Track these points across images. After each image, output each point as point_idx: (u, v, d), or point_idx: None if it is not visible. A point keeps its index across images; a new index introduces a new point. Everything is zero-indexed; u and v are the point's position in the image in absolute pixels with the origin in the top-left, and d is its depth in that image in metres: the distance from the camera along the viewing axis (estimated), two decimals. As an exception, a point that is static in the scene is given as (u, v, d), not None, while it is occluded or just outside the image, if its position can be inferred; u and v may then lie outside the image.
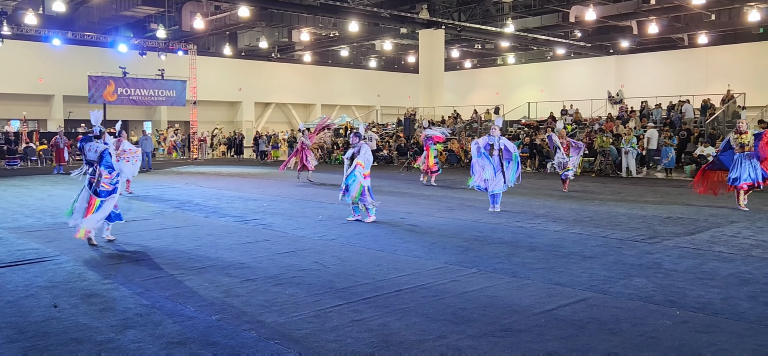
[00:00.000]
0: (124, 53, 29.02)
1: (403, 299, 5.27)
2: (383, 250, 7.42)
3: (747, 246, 7.50)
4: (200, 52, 33.22)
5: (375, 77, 43.91)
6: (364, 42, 37.68)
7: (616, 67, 35.41)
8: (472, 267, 6.46)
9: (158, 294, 5.44)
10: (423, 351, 4.07)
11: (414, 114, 30.52)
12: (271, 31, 34.91)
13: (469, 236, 8.35)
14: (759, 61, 29.72)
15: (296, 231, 8.85)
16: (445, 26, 30.83)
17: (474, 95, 40.16)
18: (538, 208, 11.27)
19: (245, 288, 5.67)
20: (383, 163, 26.31)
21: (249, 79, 38.27)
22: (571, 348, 4.11)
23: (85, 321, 4.72)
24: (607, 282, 5.83)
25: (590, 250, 7.34)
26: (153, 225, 9.41)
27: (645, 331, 4.43)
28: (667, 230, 8.77)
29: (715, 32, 30.61)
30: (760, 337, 4.30)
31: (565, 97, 30.31)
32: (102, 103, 28.16)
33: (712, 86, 27.35)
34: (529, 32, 32.00)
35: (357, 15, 28.26)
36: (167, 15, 29.23)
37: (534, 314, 4.85)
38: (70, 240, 8.07)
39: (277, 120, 40.95)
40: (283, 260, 6.89)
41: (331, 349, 4.11)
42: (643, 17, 28.43)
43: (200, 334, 4.41)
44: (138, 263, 6.74)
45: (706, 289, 5.53)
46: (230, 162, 28.55)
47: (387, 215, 10.40)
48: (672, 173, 18.87)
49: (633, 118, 24.00)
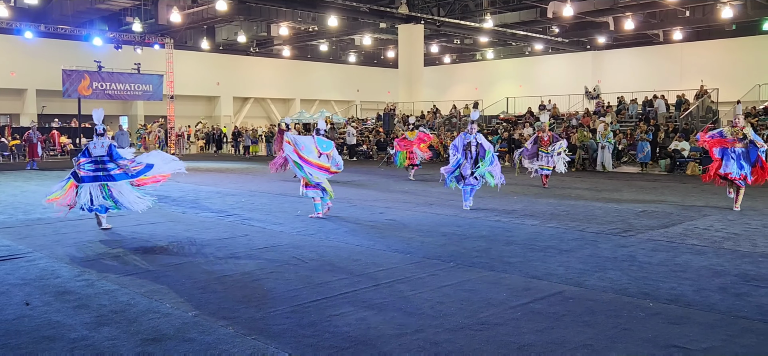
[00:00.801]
0: (99, 47, 28.60)
1: (382, 293, 5.28)
2: (361, 245, 7.42)
3: (719, 239, 7.64)
4: (177, 46, 32.86)
5: (354, 72, 43.84)
6: (344, 37, 37.60)
7: (593, 63, 35.80)
8: (449, 261, 6.49)
9: (134, 291, 5.38)
10: (400, 345, 4.09)
11: (393, 109, 30.55)
12: (249, 25, 34.66)
13: (448, 230, 8.39)
14: (732, 58, 30.28)
15: (274, 226, 8.81)
16: (424, 21, 30.87)
17: (453, 89, 40.30)
18: (516, 203, 11.36)
19: (222, 283, 5.63)
20: (362, 158, 26.30)
21: (227, 74, 37.96)
22: (547, 340, 4.16)
23: (58, 319, 4.66)
24: (582, 275, 5.90)
25: (566, 244, 7.42)
26: (128, 221, 9.29)
27: (619, 323, 4.50)
28: (641, 223, 8.90)
29: (690, 29, 31.11)
30: (730, 328, 4.39)
31: (543, 92, 30.58)
32: (77, 97, 27.72)
33: (686, 82, 27.80)
34: (508, 28, 32.20)
35: (336, 9, 28.17)
36: (143, 8, 28.83)
37: (511, 307, 4.89)
38: (43, 237, 7.96)
39: (255, 115, 40.69)
40: (261, 255, 6.86)
41: (308, 344, 4.10)
42: (619, 13, 28.77)
43: (176, 330, 4.37)
44: (113, 260, 6.66)
45: (678, 281, 5.63)
46: (209, 157, 28.31)
47: (366, 210, 10.40)
48: (647, 168, 19.15)
49: (609, 113, 24.28)
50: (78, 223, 9.08)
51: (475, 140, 10.13)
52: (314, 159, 9.29)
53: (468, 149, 10.12)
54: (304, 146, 9.29)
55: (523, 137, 22.47)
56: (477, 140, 10.14)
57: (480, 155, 10.13)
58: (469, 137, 10.16)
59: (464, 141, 10.17)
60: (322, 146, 9.37)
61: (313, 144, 9.32)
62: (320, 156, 9.35)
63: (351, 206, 10.90)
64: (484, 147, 10.14)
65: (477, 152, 10.12)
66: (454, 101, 32.29)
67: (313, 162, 9.28)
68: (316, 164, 9.29)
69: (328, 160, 9.42)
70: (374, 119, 32.42)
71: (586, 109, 25.95)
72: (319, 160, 9.32)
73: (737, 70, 28.90)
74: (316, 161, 9.30)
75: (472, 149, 10.10)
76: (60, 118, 31.59)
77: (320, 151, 9.35)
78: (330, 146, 9.52)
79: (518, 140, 22.23)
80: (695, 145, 17.41)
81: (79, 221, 9.23)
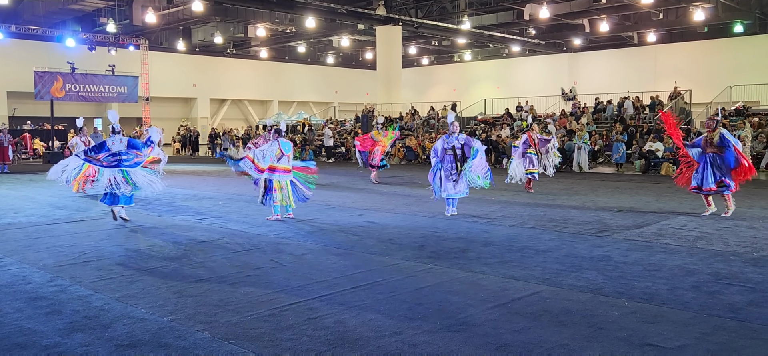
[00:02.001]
0: (72, 48, 28.17)
1: (359, 296, 5.26)
2: (340, 247, 7.40)
3: (692, 238, 7.77)
4: (152, 47, 32.50)
5: (333, 73, 43.75)
6: (322, 38, 37.55)
7: (569, 64, 36.21)
8: (428, 263, 6.50)
9: (108, 296, 5.30)
10: (379, 347, 4.08)
11: (372, 110, 30.56)
12: (226, 26, 34.41)
13: (426, 232, 8.41)
14: (704, 59, 30.86)
15: (252, 229, 8.75)
16: (402, 23, 30.95)
17: (431, 91, 40.45)
18: (494, 204, 11.43)
19: (199, 287, 5.57)
20: (341, 159, 26.25)
21: (204, 75, 37.62)
22: (524, 340, 4.18)
23: (30, 325, 4.56)
24: (559, 275, 5.95)
25: (543, 244, 7.49)
26: (103, 225, 9.15)
27: (595, 322, 4.55)
28: (616, 223, 9.01)
29: (663, 31, 31.66)
30: (703, 326, 4.47)
31: (521, 93, 30.84)
32: (49, 99, 27.26)
33: (660, 83, 28.26)
34: (485, 30, 32.44)
35: (313, 11, 28.10)
36: (117, 9, 28.45)
37: (489, 308, 4.91)
38: (14, 242, 7.80)
39: (233, 117, 40.39)
40: (238, 258, 6.80)
41: (286, 348, 4.08)
42: (594, 16, 29.17)
43: (152, 336, 4.32)
44: (87, 265, 6.55)
45: (653, 280, 5.71)
46: (185, 160, 28.00)
47: (345, 212, 10.38)
48: (622, 168, 19.40)
49: (585, 114, 24.57)
50: (50, 228, 8.92)
51: (458, 142, 9.68)
52: (275, 164, 9.30)
53: (453, 153, 9.64)
54: (264, 155, 9.31)
55: (501, 138, 22.63)
56: (460, 142, 9.67)
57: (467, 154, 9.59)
58: (451, 140, 9.71)
59: (446, 144, 9.74)
60: (285, 147, 9.40)
61: (277, 147, 9.32)
62: (280, 158, 9.34)
63: (329, 208, 10.87)
64: (470, 145, 9.62)
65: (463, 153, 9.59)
66: (433, 103, 32.42)
67: (276, 168, 9.29)
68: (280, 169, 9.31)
69: (288, 161, 9.44)
70: (353, 121, 32.40)
71: (563, 110, 26.22)
72: (280, 162, 9.33)
73: (710, 72, 29.47)
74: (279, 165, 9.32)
75: (457, 152, 9.62)
76: (32, 120, 31.02)
77: (283, 152, 9.35)
78: (289, 147, 9.54)
79: (496, 141, 22.38)
80: (669, 146, 17.69)
81: (51, 226, 9.08)
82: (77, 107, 32.43)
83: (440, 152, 9.73)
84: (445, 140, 9.77)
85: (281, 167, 9.33)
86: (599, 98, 26.09)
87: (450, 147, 9.67)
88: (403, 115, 30.51)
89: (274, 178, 9.33)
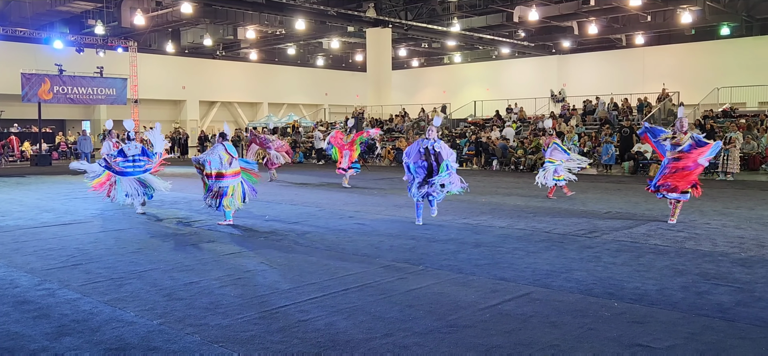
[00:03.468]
0: (60, 50, 27.94)
1: (350, 298, 5.26)
2: (331, 249, 7.39)
3: (681, 239, 7.82)
4: (141, 49, 32.32)
5: (323, 76, 43.68)
6: (312, 40, 37.47)
7: (558, 67, 36.37)
8: (418, 265, 6.51)
9: (96, 299, 5.25)
10: (369, 349, 4.08)
11: (362, 113, 30.55)
12: (215, 28, 34.26)
13: (416, 234, 8.42)
14: (692, 61, 31.10)
15: (242, 231, 8.71)
16: (391, 25, 30.97)
17: (421, 93, 40.50)
18: (484, 205, 11.45)
19: (189, 290, 5.54)
20: (332, 162, 26.19)
21: (193, 78, 37.43)
22: (515, 341, 4.20)
23: (17, 330, 4.52)
24: (549, 276, 5.97)
25: (534, 246, 7.51)
26: (92, 228, 9.09)
27: (585, 323, 4.57)
28: (606, 224, 9.06)
29: (651, 33, 31.88)
30: (692, 326, 4.50)
31: (510, 95, 30.94)
32: (37, 101, 27.02)
33: (648, 85, 28.45)
34: (475, 32, 32.52)
35: (303, 13, 28.06)
36: (106, 10, 28.24)
37: (479, 309, 4.92)
38: (1, 245, 7.73)
39: (222, 119, 40.20)
40: (228, 261, 6.77)
41: (277, 350, 4.06)
42: (583, 18, 29.33)
43: (141, 339, 4.29)
44: (75, 268, 6.49)
45: (642, 281, 5.74)
46: (174, 162, 27.86)
47: (335, 214, 10.37)
48: (611, 169, 19.52)
49: (574, 116, 24.69)
50: (38, 231, 8.85)
51: (432, 147, 9.05)
52: (225, 169, 9.26)
53: (427, 157, 9.05)
54: (212, 161, 9.26)
55: (491, 140, 22.70)
56: (435, 148, 9.03)
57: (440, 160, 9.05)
58: (426, 143, 9.10)
59: (420, 147, 9.15)
60: (232, 151, 9.43)
61: (223, 151, 9.28)
62: (232, 162, 9.34)
63: (320, 210, 10.85)
64: (442, 156, 9.01)
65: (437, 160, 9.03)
66: (423, 105, 32.45)
67: (224, 174, 9.25)
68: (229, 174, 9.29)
69: (237, 163, 9.46)
70: (342, 123, 32.36)
71: (552, 112, 26.34)
72: (231, 167, 9.33)
73: (697, 74, 29.70)
74: (228, 170, 9.29)
75: (431, 158, 9.02)
76: (19, 123, 30.75)
77: (232, 156, 9.35)
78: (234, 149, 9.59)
79: (486, 143, 22.44)
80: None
81: (39, 229, 9.00)
82: (65, 109, 32.19)
83: (414, 155, 9.16)
84: (420, 143, 9.21)
85: (231, 171, 9.33)
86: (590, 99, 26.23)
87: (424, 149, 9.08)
88: (393, 117, 30.53)
89: (227, 184, 9.26)
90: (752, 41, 29.64)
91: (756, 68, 27.64)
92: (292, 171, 19.67)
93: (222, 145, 9.27)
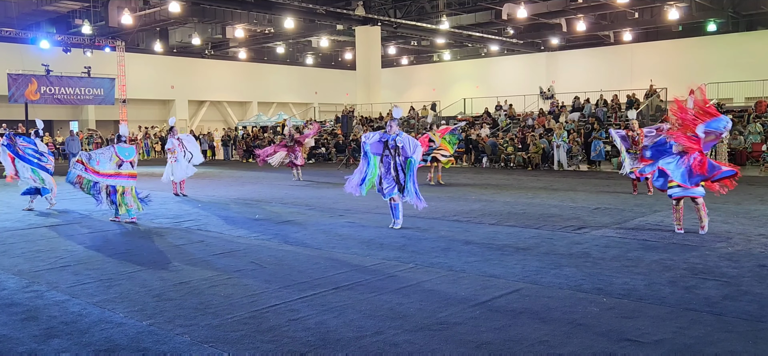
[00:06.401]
0: (47, 50, 27.69)
1: (341, 296, 5.26)
2: (321, 248, 7.39)
3: (668, 234, 7.88)
4: (129, 48, 32.09)
5: (312, 74, 43.59)
6: (301, 39, 37.39)
7: (547, 64, 36.49)
8: (409, 262, 6.52)
9: (85, 301, 5.22)
10: (360, 347, 4.08)
11: (352, 111, 30.52)
12: (203, 27, 34.09)
13: (407, 231, 8.42)
14: (679, 58, 31.30)
15: (231, 231, 8.69)
16: (380, 23, 30.95)
17: (411, 91, 40.51)
18: (474, 202, 11.48)
19: (178, 291, 5.52)
20: (322, 160, 26.18)
21: (182, 77, 37.22)
22: (505, 338, 4.21)
23: (5, 332, 4.48)
24: (538, 272, 6.00)
25: (523, 242, 7.54)
26: (80, 229, 9.02)
27: (574, 319, 4.59)
28: (595, 220, 9.11)
29: (639, 30, 32.06)
30: (680, 320, 4.53)
31: (500, 92, 31.03)
32: (24, 102, 26.77)
33: (636, 82, 28.61)
34: (464, 29, 32.57)
35: (292, 11, 27.98)
36: (93, 10, 28.02)
37: (469, 306, 4.94)
38: (-12, 248, 7.65)
39: (212, 119, 40.04)
40: (218, 261, 6.75)
41: (267, 350, 4.05)
42: (571, 15, 29.45)
43: (130, 340, 4.27)
44: (63, 270, 6.45)
45: (631, 276, 5.78)
46: (164, 162, 27.70)
47: (325, 213, 10.36)
48: (600, 166, 19.62)
49: (563, 113, 24.80)
50: (26, 233, 8.78)
51: (393, 141, 8.44)
52: (113, 170, 9.40)
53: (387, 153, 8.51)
54: (100, 160, 9.38)
55: (481, 137, 22.75)
56: (396, 143, 8.41)
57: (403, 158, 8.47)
58: (386, 137, 8.53)
59: (381, 139, 8.56)
60: (123, 154, 9.51)
61: (113, 153, 9.43)
62: (121, 165, 9.45)
63: (310, 209, 10.84)
64: (405, 150, 8.40)
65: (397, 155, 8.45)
66: (413, 103, 32.46)
67: (111, 173, 9.38)
68: (115, 174, 9.42)
69: (132, 167, 9.57)
70: (333, 121, 32.33)
71: (541, 109, 26.44)
72: (121, 169, 9.44)
73: (684, 70, 29.88)
74: (116, 171, 9.42)
75: (392, 152, 8.45)
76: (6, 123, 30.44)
77: (122, 159, 9.46)
78: (132, 152, 9.66)
79: (476, 140, 22.49)
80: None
81: (27, 231, 8.92)
82: (52, 109, 31.89)
83: (374, 145, 8.57)
84: (381, 136, 8.63)
85: (124, 173, 9.48)
86: (579, 97, 26.35)
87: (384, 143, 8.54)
88: (383, 115, 30.53)
89: (117, 183, 9.44)
90: (739, 37, 29.89)
91: (742, 64, 27.88)
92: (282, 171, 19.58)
93: (113, 147, 9.51)
